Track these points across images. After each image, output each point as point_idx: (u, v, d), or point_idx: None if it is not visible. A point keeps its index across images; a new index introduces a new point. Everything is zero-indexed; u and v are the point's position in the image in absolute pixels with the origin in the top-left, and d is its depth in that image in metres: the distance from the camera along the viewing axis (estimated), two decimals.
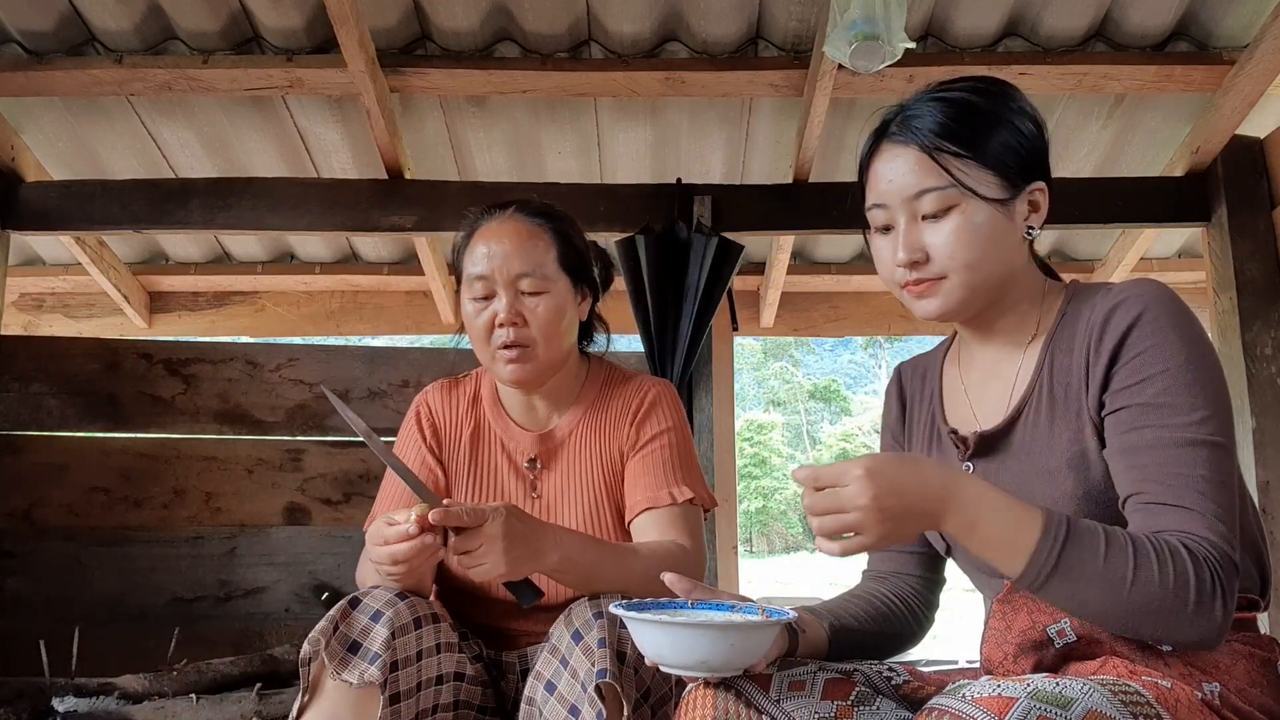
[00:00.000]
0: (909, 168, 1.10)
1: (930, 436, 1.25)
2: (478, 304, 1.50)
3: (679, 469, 1.52)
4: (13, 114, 2.97)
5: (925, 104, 1.12)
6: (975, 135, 1.09)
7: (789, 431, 34.95)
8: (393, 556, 1.22)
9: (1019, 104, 1.13)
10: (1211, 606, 0.93)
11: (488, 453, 1.58)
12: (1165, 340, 1.02)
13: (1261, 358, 2.82)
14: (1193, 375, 1.00)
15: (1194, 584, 0.93)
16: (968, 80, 1.15)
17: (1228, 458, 1.00)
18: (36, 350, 2.90)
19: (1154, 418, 1.01)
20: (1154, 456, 1.00)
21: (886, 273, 1.15)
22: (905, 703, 1.11)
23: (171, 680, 2.05)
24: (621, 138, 3.16)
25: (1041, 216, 1.14)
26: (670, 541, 1.45)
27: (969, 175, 1.08)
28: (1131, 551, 0.95)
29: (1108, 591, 0.94)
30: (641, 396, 1.57)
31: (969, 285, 1.10)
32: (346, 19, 2.46)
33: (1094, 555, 0.95)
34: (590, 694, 1.20)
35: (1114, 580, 0.94)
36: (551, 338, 1.49)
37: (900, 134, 1.12)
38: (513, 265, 1.48)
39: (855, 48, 2.27)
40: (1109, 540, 0.95)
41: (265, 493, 2.86)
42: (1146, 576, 0.93)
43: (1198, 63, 2.76)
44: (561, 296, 1.51)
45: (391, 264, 3.79)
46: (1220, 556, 0.95)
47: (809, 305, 4.00)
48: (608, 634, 1.25)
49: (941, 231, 1.09)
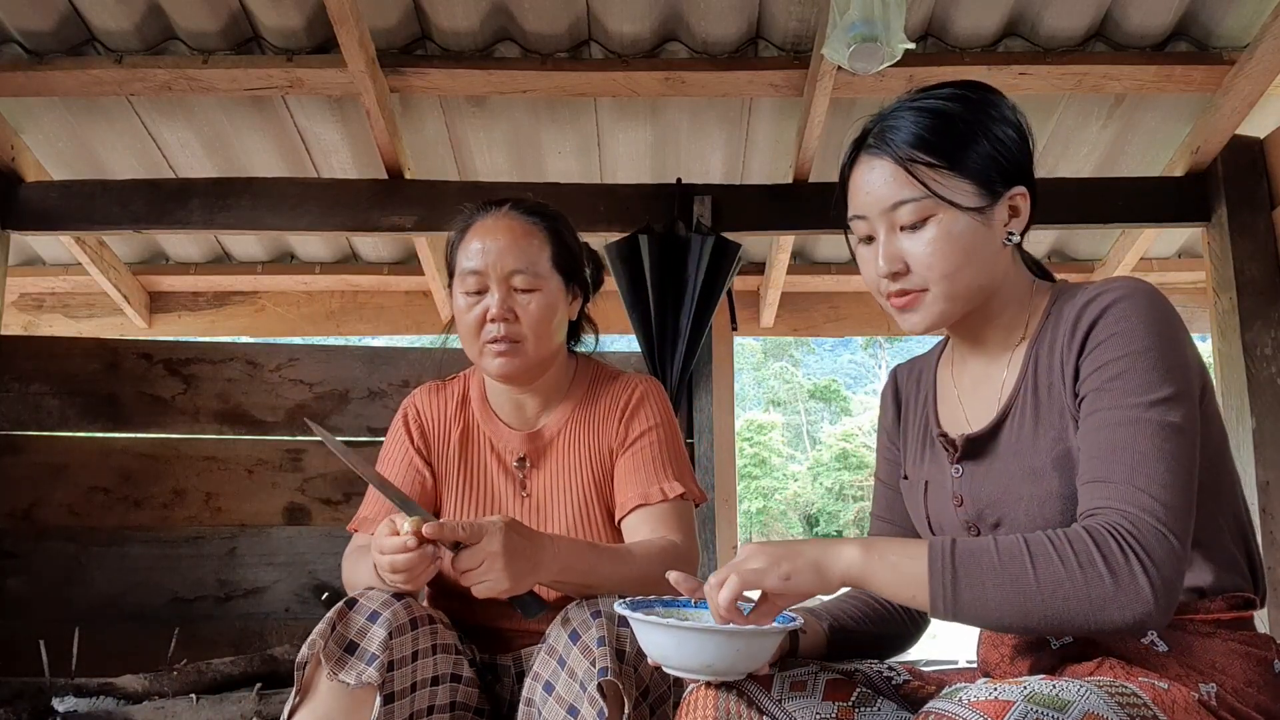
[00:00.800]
0: (884, 179, 1.11)
1: (924, 439, 1.26)
2: (470, 298, 1.50)
3: (669, 465, 1.53)
4: (13, 114, 2.97)
5: (903, 114, 1.12)
6: (951, 145, 1.09)
7: (789, 431, 34.94)
8: (392, 566, 1.23)
9: (1000, 111, 1.13)
10: (1132, 579, 0.91)
11: (477, 453, 1.59)
12: (1129, 328, 1.02)
13: (1261, 358, 2.82)
14: (1152, 360, 1.00)
15: (1102, 562, 0.92)
16: (947, 87, 1.14)
17: (1178, 437, 0.97)
18: (36, 350, 2.90)
19: (1105, 400, 1.01)
20: (1098, 436, 1.00)
21: (871, 283, 1.16)
22: (906, 703, 1.11)
23: (171, 680, 2.05)
24: (621, 138, 3.16)
25: (1023, 221, 1.13)
26: (662, 538, 1.45)
27: (944, 185, 1.08)
28: (1024, 549, 0.94)
29: (1018, 595, 0.93)
30: (629, 394, 1.58)
31: (949, 296, 1.10)
32: (346, 19, 2.46)
33: (989, 565, 0.94)
34: (590, 693, 1.21)
35: (1019, 583, 0.93)
36: (541, 335, 1.50)
37: (876, 145, 1.12)
38: (506, 261, 1.48)
39: (854, 49, 2.27)
40: (1000, 548, 0.95)
41: (265, 493, 2.86)
42: (1048, 570, 0.93)
43: (1198, 63, 2.75)
44: (553, 295, 1.52)
45: (391, 264, 3.80)
46: (1136, 526, 0.93)
47: (809, 305, 4.00)
48: (607, 632, 1.25)
49: (920, 241, 1.09)
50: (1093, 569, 0.92)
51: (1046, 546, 0.94)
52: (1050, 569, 0.93)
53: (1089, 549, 0.92)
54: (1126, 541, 0.92)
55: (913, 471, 1.26)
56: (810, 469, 32.74)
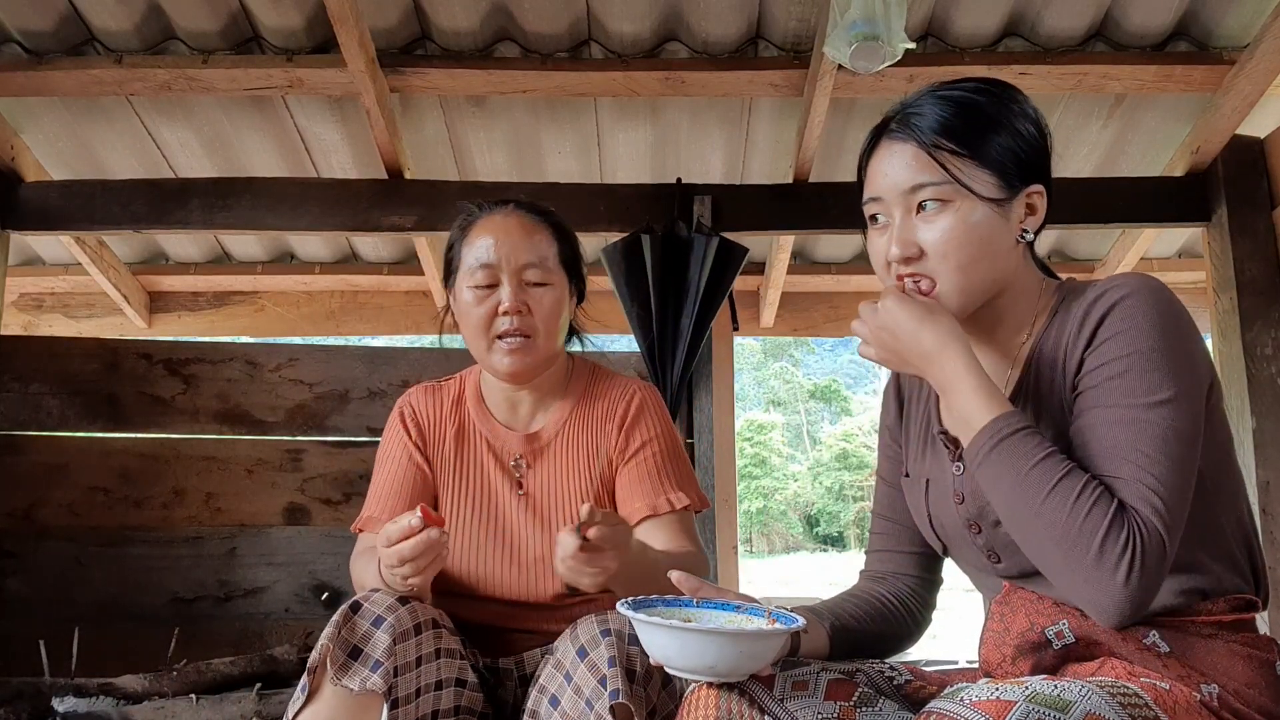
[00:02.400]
0: (906, 163, 1.11)
1: (925, 437, 1.26)
2: (479, 292, 1.50)
3: (673, 475, 1.54)
4: (13, 114, 2.97)
5: (927, 102, 1.13)
6: (975, 134, 1.10)
7: (789, 431, 34.95)
8: (400, 556, 1.22)
9: (1021, 107, 1.13)
10: (1115, 567, 0.92)
11: (473, 452, 1.58)
12: (1135, 325, 1.02)
13: (1261, 358, 2.82)
14: (1158, 359, 1.00)
15: (1101, 533, 0.93)
16: (971, 81, 1.15)
17: (1180, 440, 0.98)
18: (36, 350, 2.90)
19: (1107, 396, 1.01)
20: (1099, 432, 1.00)
21: (880, 268, 1.16)
22: (908, 703, 1.11)
23: (171, 680, 2.05)
24: (621, 138, 3.16)
25: (1038, 220, 1.13)
26: (684, 549, 1.46)
27: (966, 173, 1.09)
28: (1063, 473, 0.97)
29: (1020, 496, 0.98)
30: (628, 402, 1.58)
31: (961, 289, 1.10)
32: (346, 19, 2.46)
33: (1025, 459, 0.98)
34: (597, 712, 1.20)
35: (1030, 488, 0.97)
36: (551, 330, 1.51)
37: (900, 131, 1.13)
38: (520, 255, 1.49)
39: (855, 48, 2.27)
40: (1048, 456, 0.98)
41: (265, 493, 2.86)
42: (1060, 500, 0.95)
43: (1198, 63, 2.75)
44: (562, 290, 1.54)
45: (391, 264, 3.79)
46: (1144, 526, 0.94)
47: (809, 305, 4.00)
48: (617, 652, 1.24)
49: (936, 228, 1.09)
50: (1090, 533, 0.94)
51: (1077, 485, 0.96)
52: (1062, 500, 0.95)
53: (1104, 516, 0.94)
54: (1131, 539, 0.93)
55: (914, 469, 1.26)
56: (810, 469, 32.76)
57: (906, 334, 1.07)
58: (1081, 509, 0.94)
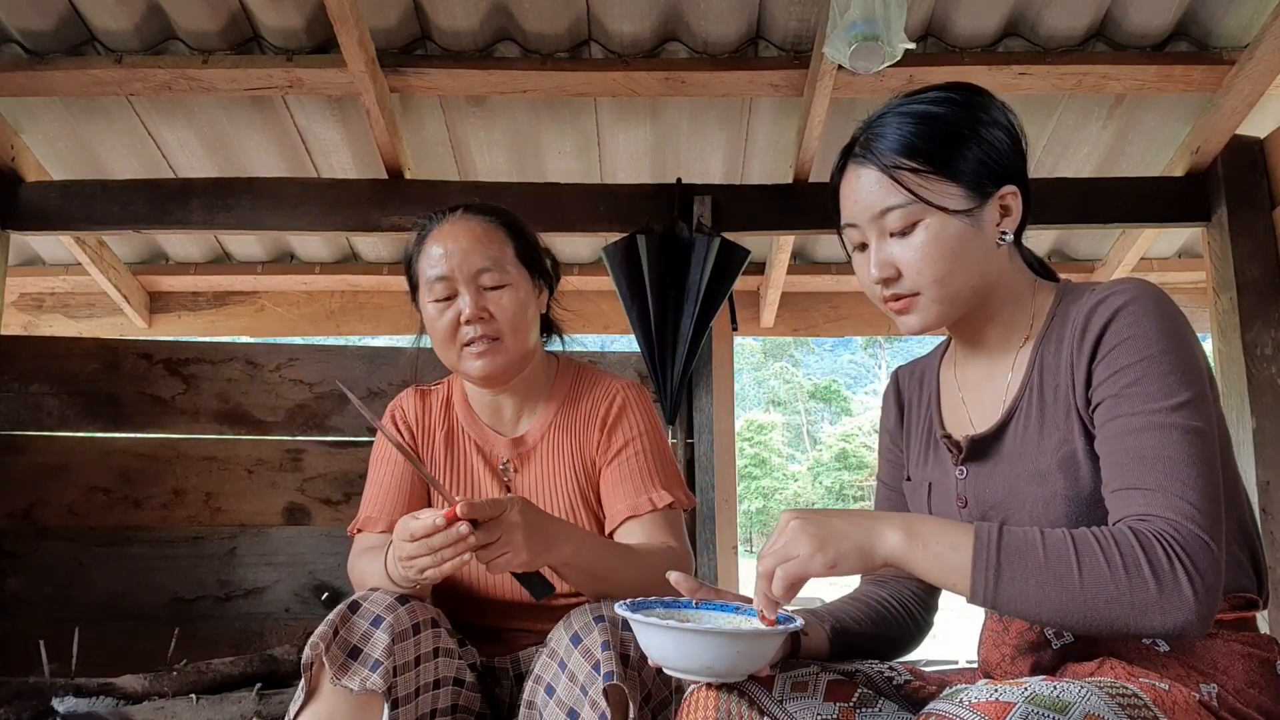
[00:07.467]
0: (871, 187, 1.11)
1: (927, 441, 1.26)
2: (440, 305, 1.50)
3: (655, 474, 1.53)
4: (13, 114, 2.97)
5: (889, 120, 1.12)
6: (938, 149, 1.09)
7: (789, 431, 34.96)
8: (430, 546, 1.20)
9: (988, 113, 1.12)
10: (1176, 586, 0.91)
11: (462, 454, 1.59)
12: (1141, 331, 1.02)
13: (1261, 358, 2.82)
14: (1168, 364, 1.00)
15: (1148, 566, 0.91)
16: (934, 90, 1.14)
17: (1202, 442, 0.98)
18: (36, 350, 2.90)
19: (1126, 406, 1.01)
20: (1123, 443, 1.00)
21: (867, 289, 1.17)
22: (907, 703, 1.11)
23: (171, 680, 2.05)
24: (621, 138, 3.16)
25: (1015, 220, 1.13)
26: (662, 543, 1.46)
27: (930, 190, 1.08)
28: (1071, 547, 0.94)
29: (1061, 593, 0.93)
30: (609, 402, 1.57)
31: (943, 299, 1.11)
32: (346, 19, 2.46)
33: (1034, 561, 0.94)
34: (591, 697, 1.20)
35: (1062, 580, 0.93)
36: (518, 329, 1.50)
37: (862, 154, 1.13)
38: (472, 261, 1.48)
39: (855, 48, 2.27)
40: (1046, 543, 0.95)
41: (265, 493, 2.86)
42: (1094, 570, 0.92)
43: (1198, 63, 2.75)
44: (523, 289, 1.53)
45: (391, 264, 3.79)
46: (1180, 533, 0.93)
47: (809, 305, 4.00)
48: (610, 636, 1.25)
49: (910, 247, 1.10)
50: (1138, 574, 0.92)
51: (1093, 546, 0.94)
52: (1095, 570, 0.92)
53: (1136, 553, 0.92)
54: (1172, 549, 0.92)
55: (916, 473, 1.26)
56: (810, 469, 32.78)
57: (837, 515, 1.02)
58: (1116, 563, 0.92)
